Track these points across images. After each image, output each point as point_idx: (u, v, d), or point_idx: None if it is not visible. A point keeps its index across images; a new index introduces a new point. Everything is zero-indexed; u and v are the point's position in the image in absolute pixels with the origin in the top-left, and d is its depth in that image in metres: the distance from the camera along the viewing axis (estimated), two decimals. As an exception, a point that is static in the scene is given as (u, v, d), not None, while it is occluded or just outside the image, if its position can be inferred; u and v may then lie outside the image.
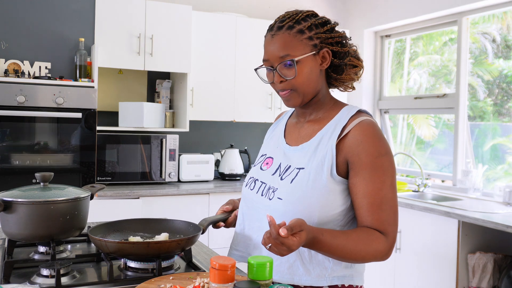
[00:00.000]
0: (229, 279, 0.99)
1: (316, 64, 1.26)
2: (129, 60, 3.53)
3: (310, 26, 1.25)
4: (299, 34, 1.24)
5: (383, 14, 4.23)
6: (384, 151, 1.21)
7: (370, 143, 1.20)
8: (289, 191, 1.24)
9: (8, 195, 1.37)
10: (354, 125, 1.23)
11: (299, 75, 1.24)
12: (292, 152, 1.31)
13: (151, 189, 3.38)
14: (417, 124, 4.34)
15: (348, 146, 1.22)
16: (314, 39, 1.25)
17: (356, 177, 1.20)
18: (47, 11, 3.54)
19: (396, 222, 1.21)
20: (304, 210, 1.21)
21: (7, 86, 3.05)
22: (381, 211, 1.18)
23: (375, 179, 1.19)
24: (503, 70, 3.64)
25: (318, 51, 1.25)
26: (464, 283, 2.91)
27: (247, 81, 3.96)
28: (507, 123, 3.69)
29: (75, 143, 3.24)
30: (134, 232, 1.46)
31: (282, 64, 1.24)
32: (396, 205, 1.21)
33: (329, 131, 1.26)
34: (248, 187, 1.38)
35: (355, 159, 1.20)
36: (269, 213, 1.25)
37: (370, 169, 1.19)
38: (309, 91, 1.27)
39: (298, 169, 1.26)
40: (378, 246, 1.17)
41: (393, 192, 1.21)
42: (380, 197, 1.18)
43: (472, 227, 2.89)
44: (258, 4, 4.29)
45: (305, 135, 1.32)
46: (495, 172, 3.67)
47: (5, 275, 1.23)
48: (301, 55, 1.23)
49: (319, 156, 1.24)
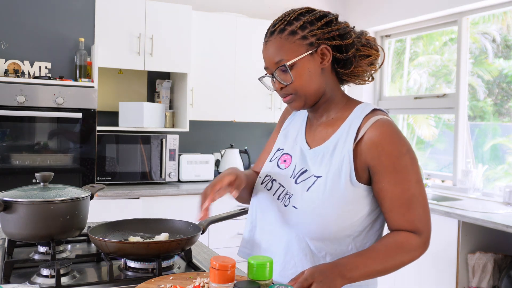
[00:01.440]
0: (229, 279, 0.99)
1: (316, 63, 1.19)
2: (129, 60, 3.53)
3: (303, 25, 1.18)
4: (290, 36, 1.18)
5: (383, 14, 4.23)
6: (405, 149, 1.15)
7: (388, 143, 1.14)
8: (304, 200, 1.18)
9: (8, 195, 1.37)
10: (369, 126, 1.16)
11: (296, 79, 1.18)
12: (308, 154, 1.25)
13: (151, 189, 3.38)
14: (417, 124, 4.34)
15: (366, 149, 1.15)
16: (309, 37, 1.18)
17: (381, 183, 1.14)
18: (47, 11, 3.54)
19: (428, 216, 1.16)
20: (319, 222, 1.16)
21: (7, 86, 3.05)
22: (411, 211, 1.14)
23: (400, 180, 1.13)
24: (503, 70, 3.64)
25: (315, 49, 1.18)
26: (464, 283, 2.91)
27: (247, 81, 3.96)
28: (507, 123, 3.69)
29: (75, 143, 3.24)
30: (134, 232, 1.46)
31: (279, 70, 1.19)
32: (425, 200, 1.16)
33: (344, 133, 1.19)
34: (265, 186, 1.31)
35: (375, 163, 1.14)
36: (284, 220, 1.22)
37: (393, 171, 1.13)
38: (311, 92, 1.21)
39: (315, 177, 1.20)
40: (411, 248, 1.14)
41: (420, 188, 1.15)
42: (408, 197, 1.13)
43: (472, 227, 2.89)
44: (258, 4, 4.29)
45: (319, 138, 1.26)
46: (495, 172, 3.67)
47: (5, 275, 1.23)
48: (294, 57, 1.17)
49: (336, 163, 1.17)
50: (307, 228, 1.17)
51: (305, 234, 1.18)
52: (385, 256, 1.12)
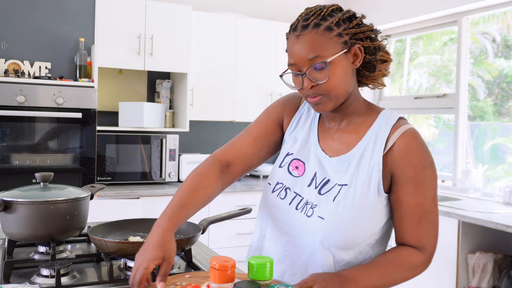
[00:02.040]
0: (229, 279, 0.99)
1: (349, 63, 1.14)
2: (129, 60, 3.53)
3: (338, 22, 1.12)
4: (327, 31, 1.11)
5: (383, 14, 4.23)
6: (429, 163, 1.15)
7: (415, 156, 1.13)
8: (332, 209, 1.15)
9: (8, 195, 1.37)
10: (398, 136, 1.14)
11: (332, 78, 1.11)
12: (329, 163, 1.20)
13: (151, 189, 3.38)
14: (417, 124, 4.34)
15: (393, 159, 1.14)
16: (343, 35, 1.12)
17: (399, 192, 1.14)
18: (47, 11, 3.54)
19: (436, 235, 1.16)
20: (348, 232, 1.14)
21: (7, 86, 3.05)
22: (421, 226, 1.14)
23: (417, 193, 1.13)
24: (503, 70, 3.64)
25: (349, 49, 1.13)
26: (464, 283, 2.91)
27: (247, 81, 3.96)
28: (507, 123, 3.69)
29: (75, 143, 3.24)
30: (134, 232, 1.46)
31: (312, 67, 1.11)
32: (436, 218, 1.16)
33: (371, 142, 1.17)
34: (277, 195, 1.25)
35: (399, 173, 1.14)
36: (307, 231, 1.18)
37: (413, 184, 1.13)
38: (342, 94, 1.15)
39: (340, 185, 1.17)
40: (413, 265, 1.14)
41: (434, 205, 1.15)
42: (421, 212, 1.13)
43: (472, 227, 2.89)
44: (258, 4, 4.29)
45: (342, 144, 1.21)
46: (495, 172, 3.67)
47: (5, 275, 1.23)
48: (332, 55, 1.10)
49: (364, 173, 1.15)
50: (335, 238, 1.15)
51: (331, 244, 1.16)
52: (385, 272, 1.12)
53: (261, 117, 1.36)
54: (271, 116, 1.34)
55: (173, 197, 1.16)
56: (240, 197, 3.61)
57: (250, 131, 1.33)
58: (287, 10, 4.27)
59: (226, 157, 1.28)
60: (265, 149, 1.31)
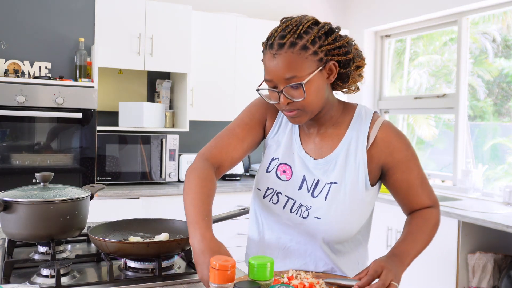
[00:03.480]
0: (229, 279, 0.98)
1: (323, 79, 1.17)
2: (129, 60, 3.53)
3: (313, 40, 1.13)
4: (303, 51, 1.12)
5: (383, 14, 4.23)
6: (408, 143, 1.27)
7: (397, 141, 1.24)
8: (326, 209, 1.22)
9: (8, 195, 1.37)
10: (378, 130, 1.24)
11: (307, 96, 1.15)
12: (315, 165, 1.26)
13: (151, 189, 3.38)
14: (417, 124, 4.34)
15: (379, 151, 1.24)
16: (319, 53, 1.14)
17: (396, 175, 1.25)
18: (47, 11, 3.54)
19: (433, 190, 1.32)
20: (345, 227, 1.24)
21: (7, 86, 3.05)
22: (426, 189, 1.29)
23: (412, 167, 1.25)
24: (503, 70, 3.64)
25: (324, 65, 1.16)
26: (464, 283, 2.91)
27: (247, 81, 3.95)
28: (507, 123, 3.69)
29: (75, 143, 3.24)
30: (134, 232, 1.46)
31: (289, 86, 1.14)
32: (427, 177, 1.31)
33: (353, 139, 1.24)
34: (269, 200, 1.29)
35: (389, 160, 1.24)
36: (306, 231, 1.26)
37: (405, 162, 1.24)
38: (317, 108, 1.20)
39: (329, 184, 1.23)
40: (436, 220, 1.27)
41: (422, 170, 1.29)
42: (421, 179, 1.27)
43: (472, 227, 2.89)
44: (258, 4, 4.29)
45: (325, 146, 1.27)
46: (495, 172, 3.67)
47: (5, 275, 1.23)
48: (308, 74, 1.13)
49: (352, 169, 1.23)
50: (333, 234, 1.24)
51: (331, 240, 1.25)
52: (423, 235, 1.24)
53: (245, 117, 1.36)
54: (255, 117, 1.35)
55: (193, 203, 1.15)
56: (240, 197, 3.61)
57: (236, 132, 1.33)
58: (287, 10, 4.27)
59: (217, 160, 1.29)
60: (248, 150, 1.35)
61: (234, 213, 1.55)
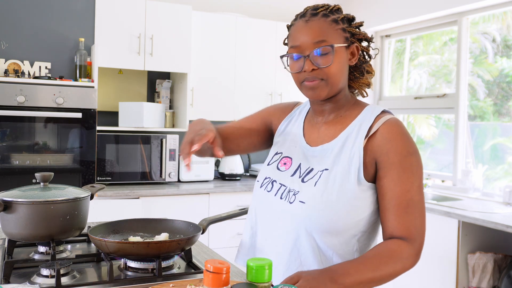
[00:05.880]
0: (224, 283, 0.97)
1: (346, 58, 1.22)
2: (129, 60, 3.53)
3: (343, 19, 1.22)
4: (334, 23, 1.19)
5: (383, 14, 4.23)
6: (413, 150, 1.16)
7: (398, 141, 1.15)
8: (313, 193, 1.18)
9: (8, 195, 1.37)
10: (381, 124, 1.18)
11: (334, 64, 1.17)
12: (312, 153, 1.25)
13: (151, 189, 3.38)
14: (417, 124, 4.34)
15: (376, 145, 1.16)
16: (346, 31, 1.21)
17: (385, 178, 1.14)
18: (47, 11, 3.54)
19: (423, 225, 1.14)
20: (329, 215, 1.15)
21: (7, 86, 3.05)
22: (407, 215, 1.12)
23: (403, 180, 1.13)
24: (503, 70, 3.64)
25: (349, 45, 1.22)
26: (464, 283, 2.91)
27: (247, 81, 3.96)
28: (507, 123, 3.69)
29: (75, 143, 3.24)
30: (134, 232, 1.46)
31: (317, 51, 1.17)
32: (423, 208, 1.15)
33: (354, 131, 1.20)
34: (265, 188, 1.30)
35: (383, 159, 1.15)
36: (289, 217, 1.20)
37: (398, 169, 1.13)
38: (338, 83, 1.20)
39: (321, 171, 1.19)
40: (403, 257, 1.11)
41: (420, 194, 1.14)
42: (407, 200, 1.12)
43: (472, 227, 2.89)
44: (258, 4, 4.29)
45: (326, 135, 1.25)
46: (495, 172, 3.67)
47: (5, 275, 1.23)
48: (337, 43, 1.18)
49: (345, 158, 1.17)
50: (315, 221, 1.16)
51: (313, 228, 1.17)
52: (377, 264, 1.10)
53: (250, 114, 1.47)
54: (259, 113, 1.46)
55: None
56: (240, 197, 3.61)
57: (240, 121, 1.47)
58: (287, 10, 4.27)
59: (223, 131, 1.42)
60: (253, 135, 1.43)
61: (234, 213, 1.55)
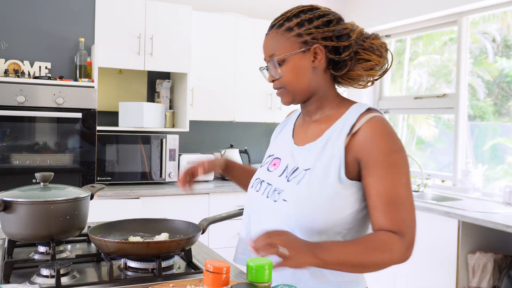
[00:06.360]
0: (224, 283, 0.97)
1: (308, 62, 1.20)
2: (129, 60, 3.53)
3: (300, 23, 1.20)
4: (286, 32, 1.21)
5: (383, 14, 4.23)
6: (397, 148, 1.14)
7: (381, 139, 1.14)
8: (295, 192, 1.19)
9: (8, 195, 1.37)
10: (364, 122, 1.16)
11: (285, 74, 1.21)
12: (298, 152, 1.26)
13: (151, 189, 3.38)
14: (417, 124, 4.34)
15: (358, 144, 1.15)
16: (304, 35, 1.19)
17: (369, 177, 1.14)
18: (47, 11, 3.54)
19: (413, 221, 1.14)
20: (309, 213, 1.15)
21: (7, 86, 3.05)
22: (396, 210, 1.12)
23: (388, 177, 1.12)
24: (503, 70, 3.64)
25: (308, 48, 1.19)
26: (464, 283, 2.91)
27: (247, 81, 3.96)
28: (507, 123, 3.69)
29: (75, 143, 3.24)
30: (134, 232, 1.46)
31: (271, 64, 1.23)
32: (412, 204, 1.15)
33: (337, 129, 1.19)
34: (254, 188, 1.33)
35: (366, 158, 1.14)
36: (274, 216, 1.22)
37: (382, 167, 1.12)
38: (299, 89, 1.22)
39: (305, 170, 1.20)
40: (392, 249, 1.10)
41: (407, 190, 1.14)
42: (394, 196, 1.12)
43: (472, 227, 2.89)
44: (258, 4, 4.29)
45: (312, 135, 1.26)
46: (495, 172, 3.67)
47: (5, 275, 1.23)
48: (284, 53, 1.20)
49: (327, 156, 1.18)
50: (297, 219, 1.17)
51: (295, 226, 1.17)
52: (363, 250, 1.09)
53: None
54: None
55: None
56: (240, 197, 3.61)
57: None
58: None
59: None
60: None
61: (234, 213, 1.55)
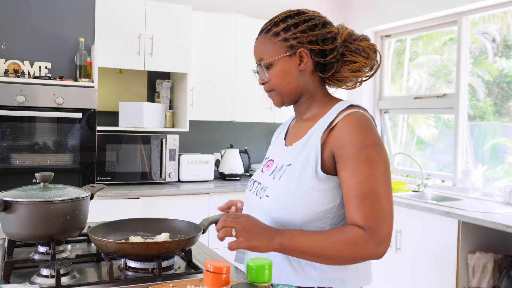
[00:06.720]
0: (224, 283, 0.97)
1: (294, 65, 1.25)
2: (129, 60, 3.53)
3: (286, 28, 1.25)
4: (273, 37, 1.26)
5: (383, 14, 4.23)
6: (370, 142, 1.15)
7: (354, 134, 1.15)
8: (276, 188, 1.25)
9: (8, 195, 1.37)
10: (341, 118, 1.19)
11: (272, 77, 1.27)
12: (287, 151, 1.31)
13: (151, 189, 3.38)
14: (417, 124, 4.34)
15: (333, 139, 1.18)
16: (290, 40, 1.24)
17: (342, 171, 1.15)
18: (47, 11, 3.54)
19: (384, 217, 1.11)
20: (287, 206, 1.20)
21: (7, 86, 3.05)
22: (367, 205, 1.11)
23: (359, 171, 1.12)
24: (503, 70, 3.64)
25: (294, 52, 1.24)
26: (464, 283, 2.91)
27: (247, 81, 3.96)
28: (507, 123, 3.69)
29: (75, 143, 3.24)
30: (134, 232, 1.46)
31: (260, 67, 1.29)
32: (388, 200, 1.13)
33: (319, 127, 1.24)
34: (248, 188, 1.40)
35: (340, 152, 1.16)
36: (260, 212, 1.27)
37: (354, 161, 1.13)
38: (288, 91, 1.28)
39: (286, 166, 1.26)
40: (358, 244, 1.10)
41: (382, 186, 1.12)
42: (364, 191, 1.11)
43: (472, 227, 2.89)
44: (258, 4, 4.29)
45: (300, 133, 1.31)
46: (495, 172, 3.67)
47: (5, 275, 1.23)
48: (271, 57, 1.26)
49: (305, 152, 1.23)
50: (277, 214, 1.22)
51: (277, 220, 1.22)
52: (326, 242, 1.11)
53: None
54: None
55: None
56: (240, 197, 3.60)
57: None
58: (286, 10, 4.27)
59: None
60: None
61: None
